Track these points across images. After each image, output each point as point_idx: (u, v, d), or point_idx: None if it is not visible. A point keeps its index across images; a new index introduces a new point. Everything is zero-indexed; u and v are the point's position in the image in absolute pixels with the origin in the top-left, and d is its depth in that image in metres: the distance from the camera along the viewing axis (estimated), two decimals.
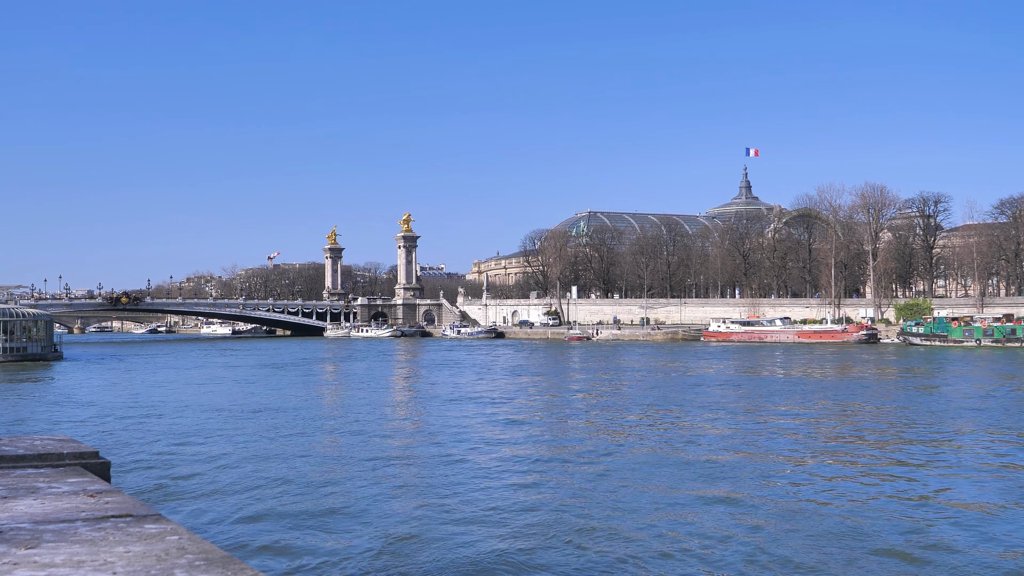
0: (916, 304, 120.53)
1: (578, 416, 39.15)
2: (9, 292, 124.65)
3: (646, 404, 42.47)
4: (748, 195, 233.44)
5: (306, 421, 37.26)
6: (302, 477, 24.07)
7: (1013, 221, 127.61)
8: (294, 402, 45.21)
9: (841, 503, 20.52)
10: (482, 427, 34.82)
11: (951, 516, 19.17)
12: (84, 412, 40.74)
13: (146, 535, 3.91)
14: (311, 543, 17.29)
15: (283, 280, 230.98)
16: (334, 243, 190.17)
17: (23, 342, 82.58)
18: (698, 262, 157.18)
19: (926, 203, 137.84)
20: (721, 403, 43.30)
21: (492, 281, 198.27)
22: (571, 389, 53.57)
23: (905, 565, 15.74)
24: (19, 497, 4.65)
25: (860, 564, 15.74)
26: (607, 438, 31.34)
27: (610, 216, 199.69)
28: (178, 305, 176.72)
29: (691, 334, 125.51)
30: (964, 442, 29.95)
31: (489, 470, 25.14)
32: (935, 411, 38.28)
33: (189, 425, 35.61)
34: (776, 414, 38.32)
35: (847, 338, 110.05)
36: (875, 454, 27.51)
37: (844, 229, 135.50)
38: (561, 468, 25.50)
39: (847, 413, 38.23)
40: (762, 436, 32.11)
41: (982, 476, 23.65)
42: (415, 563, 16.01)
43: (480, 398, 46.52)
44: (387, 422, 37.87)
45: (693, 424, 35.18)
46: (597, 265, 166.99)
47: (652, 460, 26.64)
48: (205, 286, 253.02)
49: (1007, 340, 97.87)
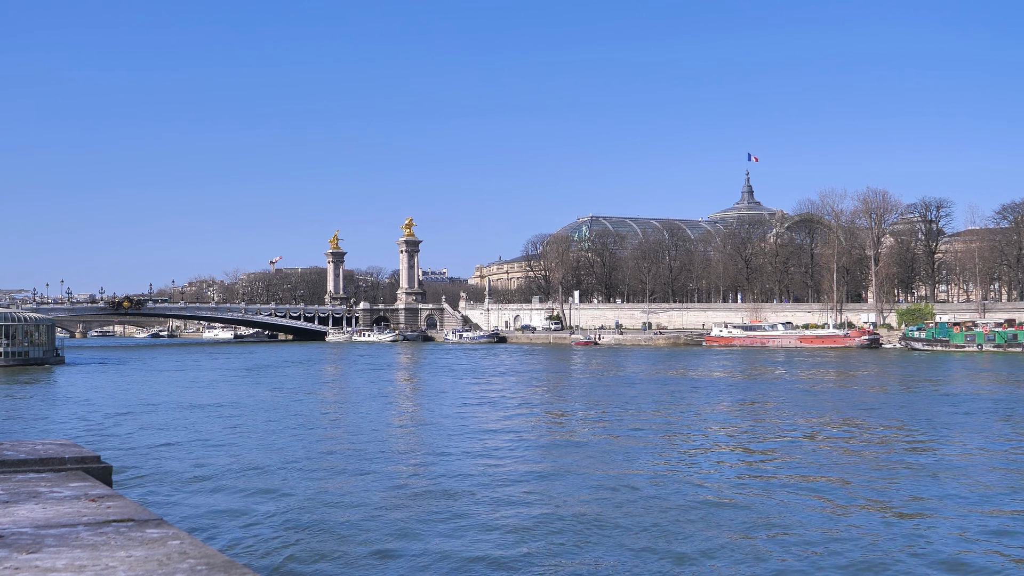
0: (918, 309, 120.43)
1: (582, 422, 39.10)
2: (11, 296, 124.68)
3: (650, 410, 42.42)
4: (750, 200, 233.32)
5: (307, 428, 37.27)
6: (303, 483, 24.06)
7: (1015, 226, 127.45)
8: (296, 408, 45.21)
9: (853, 523, 20.47)
10: (487, 433, 34.77)
11: (951, 517, 19.13)
12: (86, 416, 40.75)
13: (148, 540, 3.91)
14: (313, 547, 17.28)
15: (285, 284, 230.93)
16: (336, 247, 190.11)
17: (25, 346, 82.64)
18: (700, 267, 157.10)
19: (928, 208, 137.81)
20: (724, 409, 43.27)
21: (494, 286, 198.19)
22: (576, 395, 53.52)
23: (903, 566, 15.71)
24: (21, 501, 4.65)
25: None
26: (609, 443, 31.30)
27: (612, 221, 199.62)
28: (180, 309, 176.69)
29: (693, 339, 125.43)
30: (964, 447, 29.89)
31: (491, 478, 25.11)
32: (935, 416, 38.21)
33: (191, 430, 35.61)
34: (777, 418, 38.27)
35: (849, 343, 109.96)
36: (876, 460, 27.47)
37: (846, 234, 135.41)
38: (563, 479, 25.45)
39: (848, 419, 38.15)
40: (763, 440, 32.07)
41: (985, 486, 23.60)
42: (415, 565, 15.99)
43: (483, 403, 46.48)
44: (391, 429, 37.85)
45: (698, 432, 35.14)
46: (599, 270, 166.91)
47: (657, 471, 26.60)
48: (207, 290, 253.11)
49: (1009, 345, 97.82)
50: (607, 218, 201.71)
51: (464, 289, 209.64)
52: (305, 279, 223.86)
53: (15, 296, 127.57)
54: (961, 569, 15.83)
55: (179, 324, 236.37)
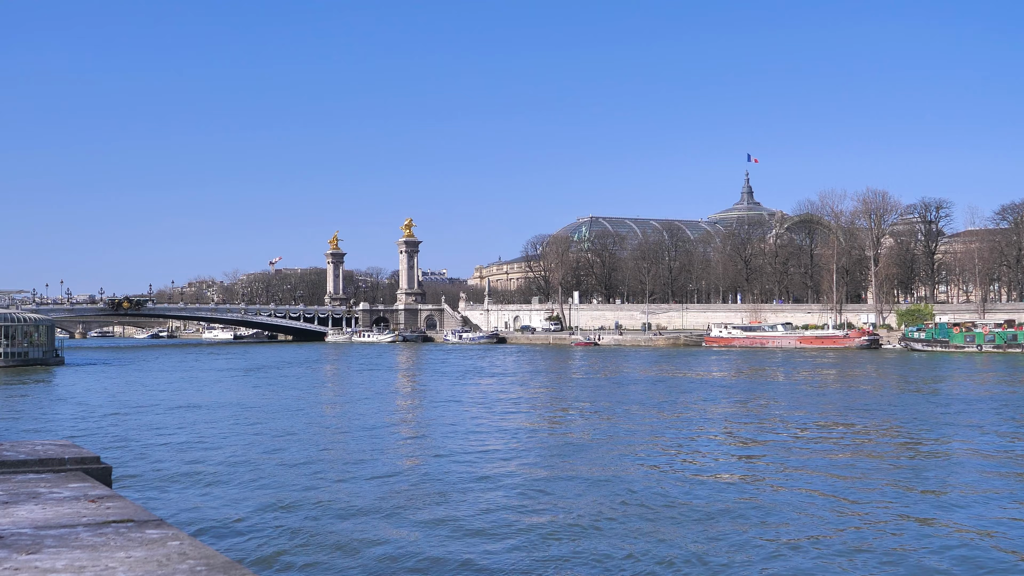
0: (918, 310, 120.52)
1: (582, 423, 39.11)
2: (11, 297, 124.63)
3: (650, 411, 42.43)
4: (750, 200, 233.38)
5: (306, 429, 37.28)
6: (302, 484, 24.05)
7: (1015, 227, 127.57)
8: (295, 408, 45.21)
9: (858, 523, 20.47)
10: (486, 434, 34.79)
11: (953, 520, 19.13)
12: (85, 417, 40.75)
13: (147, 540, 3.90)
14: (312, 548, 17.28)
15: (285, 285, 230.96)
16: (336, 248, 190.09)
17: (24, 347, 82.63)
18: (700, 267, 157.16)
19: (928, 209, 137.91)
20: (723, 410, 43.27)
21: (494, 286, 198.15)
22: (576, 396, 53.53)
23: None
24: (20, 502, 4.64)
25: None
26: (609, 444, 31.31)
27: (612, 221, 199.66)
28: (180, 310, 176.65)
29: (693, 339, 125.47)
30: (964, 449, 29.90)
31: (490, 478, 25.11)
32: (934, 416, 38.22)
33: (190, 431, 35.62)
34: (776, 419, 38.28)
35: (849, 344, 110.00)
36: (875, 460, 27.47)
37: (846, 235, 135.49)
38: (562, 479, 25.44)
39: (847, 420, 38.16)
40: (761, 440, 32.08)
41: (986, 489, 23.60)
42: (414, 566, 15.99)
43: (482, 404, 46.49)
44: (390, 430, 37.86)
45: (697, 432, 35.14)
46: (599, 270, 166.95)
47: (656, 471, 26.61)
48: (207, 291, 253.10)
49: (1008, 346, 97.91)
50: (607, 219, 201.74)
51: (464, 290, 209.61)
52: (305, 280, 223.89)
53: (15, 297, 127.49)
54: (961, 566, 15.82)
55: (179, 325, 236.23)
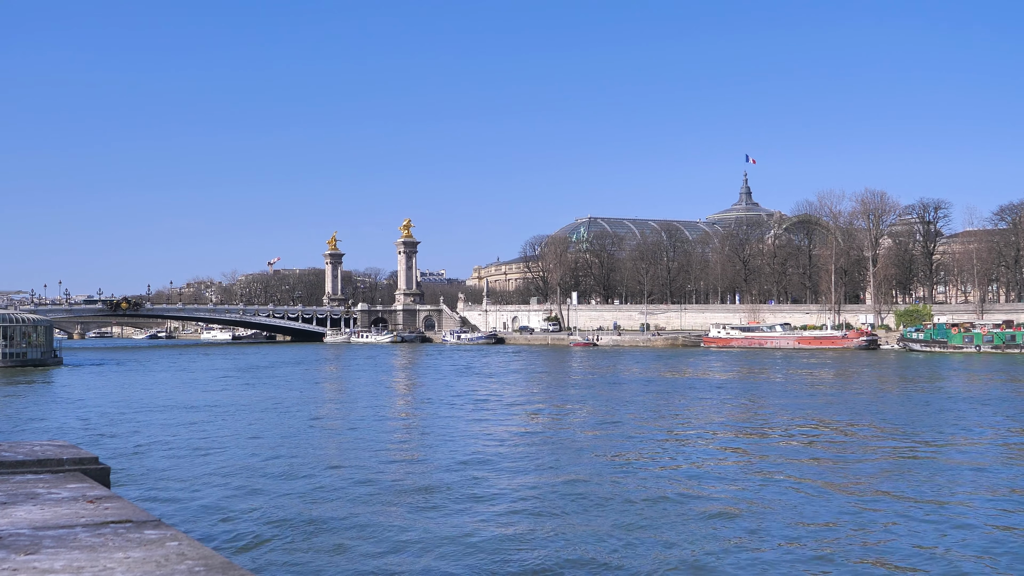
0: (916, 310, 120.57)
1: (580, 423, 39.10)
2: (9, 297, 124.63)
3: (648, 411, 42.44)
4: (748, 201, 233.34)
5: (304, 429, 37.27)
6: (301, 484, 24.05)
7: (1013, 227, 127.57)
8: (293, 408, 45.18)
9: (851, 524, 20.47)
10: (486, 434, 34.78)
11: (952, 522, 19.15)
12: (84, 417, 40.71)
13: (146, 541, 3.91)
14: (311, 548, 17.27)
15: (283, 286, 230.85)
16: (334, 249, 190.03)
17: (23, 347, 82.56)
18: (698, 268, 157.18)
19: (926, 209, 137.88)
20: (721, 410, 43.28)
21: (492, 287, 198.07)
22: (574, 396, 53.52)
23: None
24: (19, 503, 4.64)
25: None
26: (607, 444, 31.31)
27: (610, 222, 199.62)
28: (178, 311, 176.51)
29: (691, 340, 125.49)
30: (963, 449, 29.92)
31: (490, 478, 25.11)
32: (933, 416, 38.24)
33: (188, 431, 35.59)
34: (774, 419, 38.30)
35: (847, 344, 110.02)
36: (874, 460, 27.48)
37: (844, 235, 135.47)
38: (560, 480, 25.44)
39: (845, 420, 38.18)
40: (760, 441, 32.08)
41: (987, 492, 23.61)
42: (414, 566, 15.99)
43: (481, 404, 46.47)
44: (388, 431, 37.85)
45: (695, 433, 35.15)
46: (597, 271, 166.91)
47: (654, 471, 26.61)
48: (205, 292, 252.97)
49: (1007, 346, 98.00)
50: (605, 219, 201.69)
51: (462, 290, 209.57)
52: (303, 280, 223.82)
53: (13, 297, 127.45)
54: (961, 566, 15.84)
55: (177, 325, 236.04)
